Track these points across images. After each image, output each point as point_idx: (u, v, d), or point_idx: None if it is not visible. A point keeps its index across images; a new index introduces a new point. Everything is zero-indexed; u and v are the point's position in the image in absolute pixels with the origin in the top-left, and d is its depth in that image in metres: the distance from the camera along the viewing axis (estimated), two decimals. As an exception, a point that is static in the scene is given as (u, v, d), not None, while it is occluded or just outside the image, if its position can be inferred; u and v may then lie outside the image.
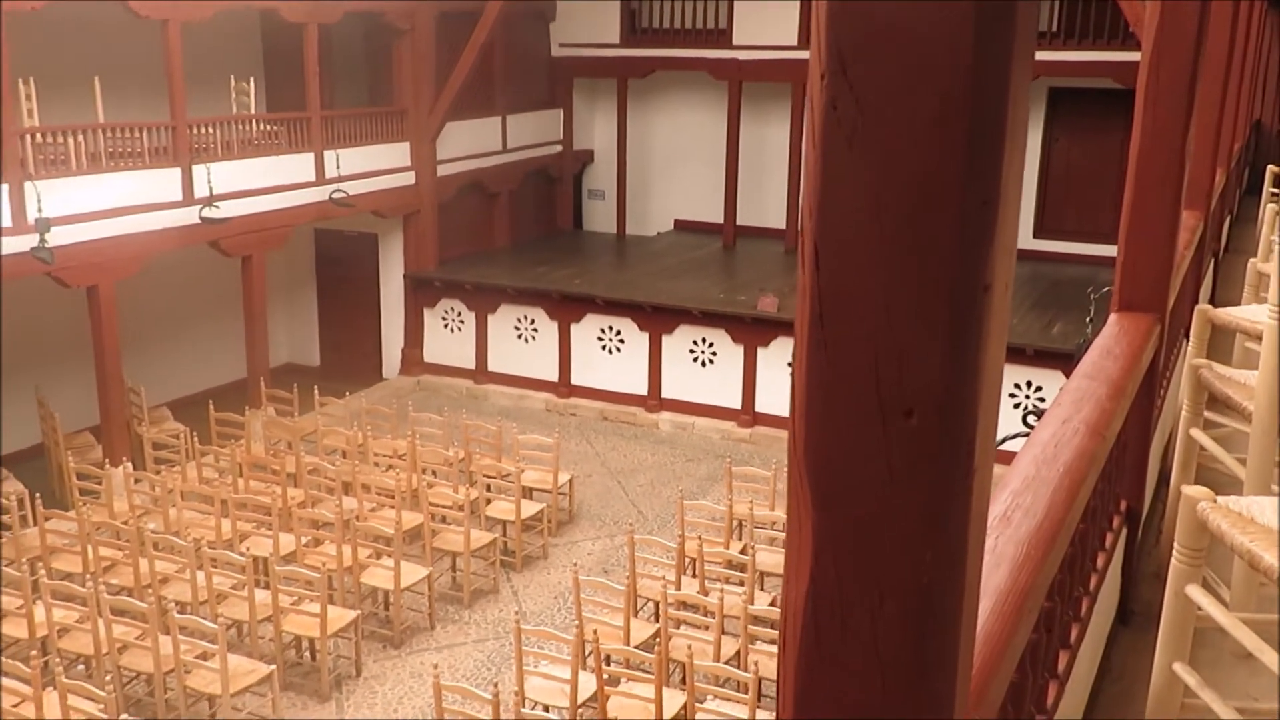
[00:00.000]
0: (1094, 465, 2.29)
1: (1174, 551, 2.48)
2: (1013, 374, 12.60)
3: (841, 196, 0.93)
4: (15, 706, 7.26)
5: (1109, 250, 15.94)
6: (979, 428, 0.98)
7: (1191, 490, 2.47)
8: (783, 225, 17.88)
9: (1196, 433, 3.75)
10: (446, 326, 16.51)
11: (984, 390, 0.97)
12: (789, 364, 14.27)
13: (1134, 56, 14.54)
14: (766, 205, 18.34)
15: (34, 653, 8.05)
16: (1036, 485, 1.98)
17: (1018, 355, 12.42)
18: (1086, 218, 16.59)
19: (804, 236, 0.96)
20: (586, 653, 7.88)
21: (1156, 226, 3.54)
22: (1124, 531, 3.36)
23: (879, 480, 0.95)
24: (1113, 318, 3.54)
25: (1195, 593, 2.46)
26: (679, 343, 14.92)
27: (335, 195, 14.34)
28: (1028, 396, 12.83)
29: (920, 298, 0.92)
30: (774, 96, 17.88)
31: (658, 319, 14.94)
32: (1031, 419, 10.10)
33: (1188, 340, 4.38)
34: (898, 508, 0.96)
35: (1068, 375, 4.28)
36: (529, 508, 11.06)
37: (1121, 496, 3.35)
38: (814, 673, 1.02)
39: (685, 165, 19.29)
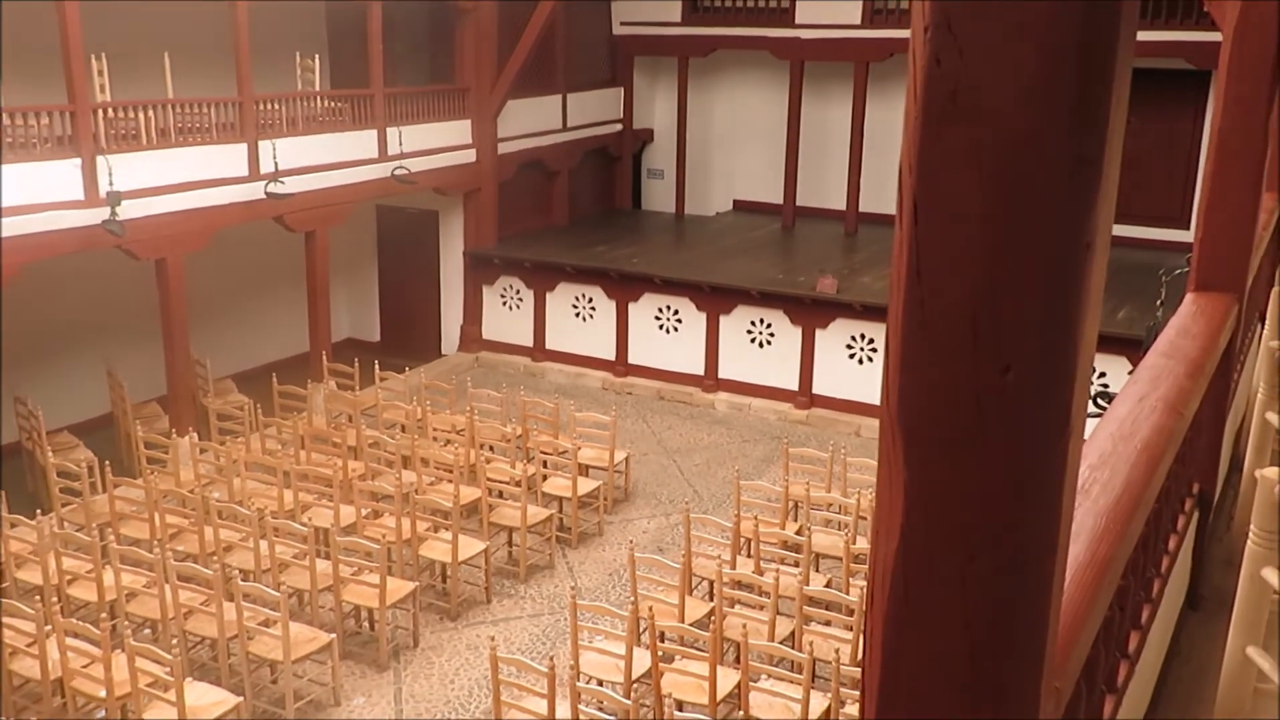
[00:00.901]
0: (1171, 443, 2.25)
1: (1250, 534, 2.44)
2: (1076, 359, 12.40)
3: (942, 152, 0.92)
4: (85, 667, 7.46)
5: (1176, 235, 15.70)
6: (1075, 386, 0.97)
7: (1270, 472, 2.43)
8: (843, 206, 17.74)
9: (1273, 416, 3.67)
10: (505, 304, 16.61)
11: (1082, 349, 0.96)
12: (847, 346, 14.19)
13: (1208, 37, 14.21)
14: (827, 186, 18.21)
15: (103, 616, 8.24)
16: (1114, 461, 1.96)
17: (1082, 340, 12.21)
18: (1153, 201, 16.26)
19: (902, 192, 0.96)
20: (641, 629, 7.92)
21: (1236, 205, 3.46)
22: (1195, 515, 3.30)
23: (973, 438, 0.95)
24: (1189, 297, 3.48)
25: (1271, 576, 2.42)
26: (737, 323, 14.88)
27: (397, 172, 14.45)
28: (1092, 382, 12.64)
29: (1020, 254, 0.91)
30: (836, 76, 17.72)
31: (716, 299, 14.91)
32: (1101, 402, 9.96)
33: (1262, 324, 4.29)
34: (991, 465, 0.95)
35: (1133, 361, 4.20)
36: (585, 485, 11.12)
37: (1194, 479, 3.30)
38: (902, 629, 1.01)
39: (745, 145, 19.20)
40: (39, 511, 9.35)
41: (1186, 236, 16.99)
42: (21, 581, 9.09)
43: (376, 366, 13.40)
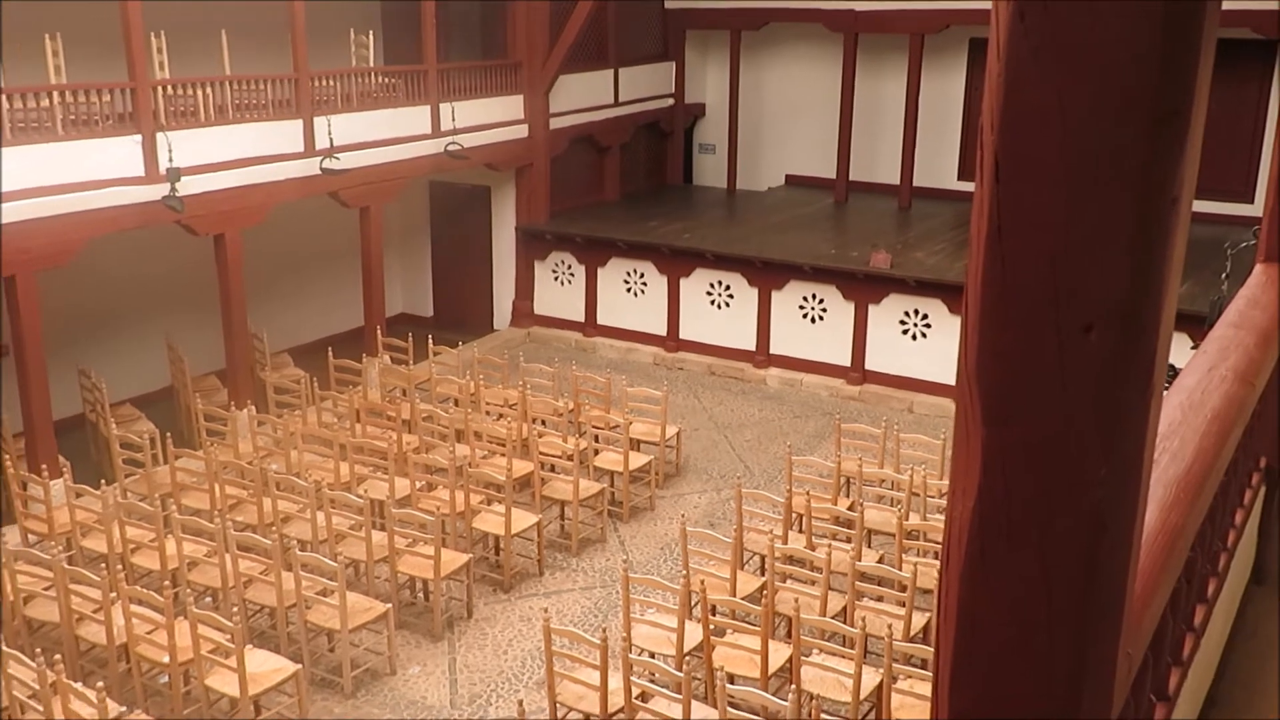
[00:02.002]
0: (1241, 414, 2.22)
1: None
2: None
3: (1026, 108, 0.91)
4: (149, 633, 7.64)
5: (1240, 209, 15.35)
6: (1159, 345, 0.96)
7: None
8: (896, 181, 17.55)
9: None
10: (557, 279, 16.65)
11: (1165, 308, 0.95)
12: (901, 321, 14.07)
13: (1275, 5, 13.84)
14: (880, 161, 18.02)
15: (166, 584, 8.43)
16: (1184, 430, 1.93)
17: (1141, 316, 12.01)
18: (1216, 175, 15.93)
19: (983, 150, 0.95)
20: (693, 603, 7.95)
21: (1308, 175, 3.38)
22: (1262, 490, 3.25)
23: (1054, 396, 0.94)
24: (1259, 268, 3.41)
25: (1341, 552, 2.37)
26: (789, 298, 14.81)
27: (450, 148, 14.52)
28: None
29: (1105, 211, 0.90)
30: (891, 49, 17.49)
31: (768, 274, 14.84)
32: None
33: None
34: (1072, 424, 0.94)
35: (1194, 338, 4.12)
36: (637, 459, 11.15)
37: (1261, 454, 3.24)
38: (977, 589, 1.01)
39: (798, 119, 19.04)
40: (103, 482, 9.56)
41: (1251, 211, 16.70)
42: (87, 549, 9.31)
43: (430, 341, 13.51)
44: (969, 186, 17.52)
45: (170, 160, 10.90)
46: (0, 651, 6.90)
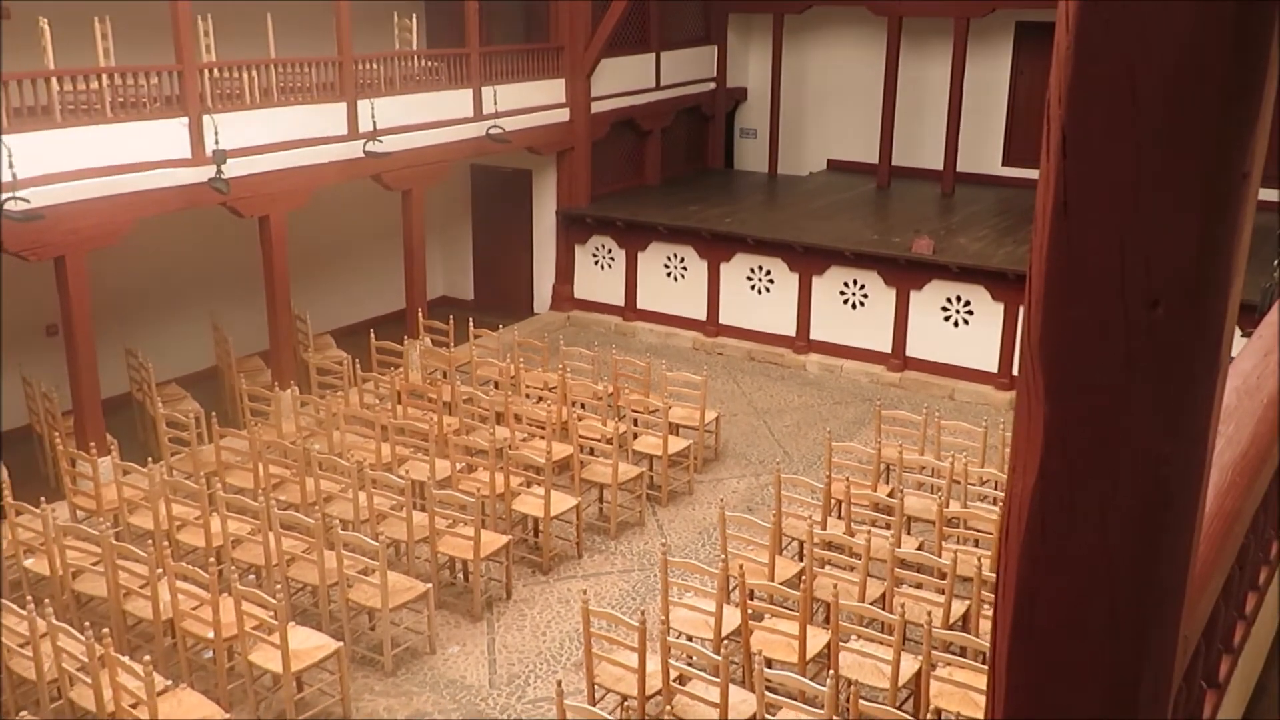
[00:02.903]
0: (1297, 400, 2.18)
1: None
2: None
3: (1095, 81, 0.90)
4: (194, 609, 7.75)
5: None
6: (1226, 322, 0.95)
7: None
8: (939, 166, 17.39)
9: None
10: (597, 263, 16.67)
11: (1233, 285, 0.94)
12: (943, 308, 13.96)
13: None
14: (923, 145, 17.87)
15: (211, 561, 8.53)
16: (1239, 415, 1.90)
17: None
18: (1268, 160, 15.68)
19: (1050, 124, 0.94)
20: (731, 587, 7.96)
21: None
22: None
23: (1119, 372, 0.93)
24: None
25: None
26: (829, 284, 14.74)
27: (492, 131, 14.55)
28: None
29: (1174, 185, 0.89)
30: (935, 32, 17.33)
31: (808, 259, 14.77)
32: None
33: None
34: (1137, 401, 0.94)
35: (1243, 327, 4.06)
36: (675, 444, 11.16)
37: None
38: (1037, 566, 1.01)
39: (840, 104, 18.91)
40: (149, 459, 9.70)
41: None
42: (134, 526, 9.46)
43: (470, 324, 13.58)
44: (1014, 172, 17.41)
45: (216, 142, 11.01)
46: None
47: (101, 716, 6.85)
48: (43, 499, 8.77)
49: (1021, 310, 9.05)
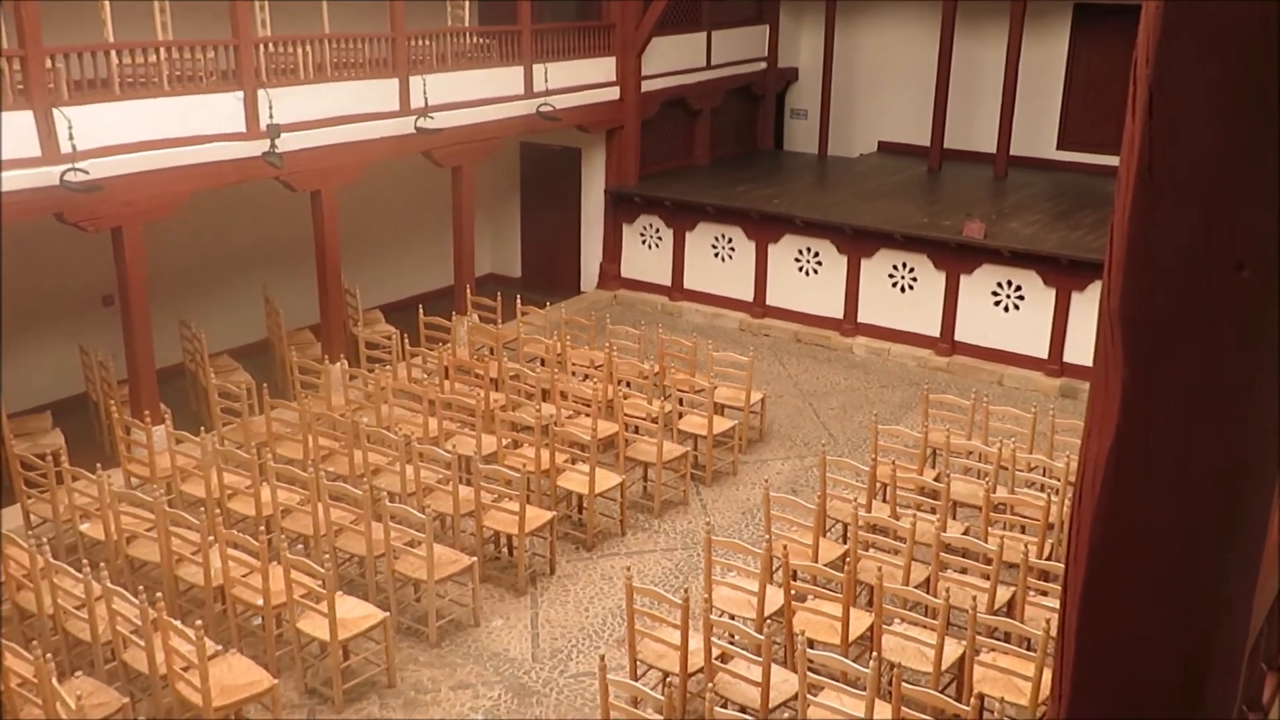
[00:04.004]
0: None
1: None
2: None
3: (1184, 43, 0.89)
4: (245, 577, 7.87)
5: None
6: (1313, 287, 0.93)
7: None
8: (992, 149, 17.18)
9: None
10: (644, 242, 16.65)
11: (1321, 249, 0.92)
12: (993, 293, 13.82)
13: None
14: (976, 128, 17.66)
15: (261, 530, 8.66)
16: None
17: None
18: None
19: (1137, 85, 0.93)
20: (774, 568, 7.96)
21: None
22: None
23: (1201, 336, 0.92)
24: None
25: None
26: (878, 267, 14.63)
27: (542, 109, 14.56)
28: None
29: (1262, 147, 0.87)
30: (991, 13, 17.09)
31: (857, 242, 14.67)
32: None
33: None
34: (1218, 364, 0.92)
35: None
36: (721, 424, 11.16)
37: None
38: (1110, 530, 1.00)
39: (892, 85, 18.72)
40: (202, 429, 9.86)
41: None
42: (186, 494, 9.62)
43: (518, 301, 13.63)
44: (1069, 156, 17.17)
45: (270, 117, 11.10)
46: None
47: (154, 678, 7.00)
48: (98, 465, 8.94)
49: (1075, 295, 8.93)
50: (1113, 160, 16.72)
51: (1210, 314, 0.92)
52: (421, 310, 13.20)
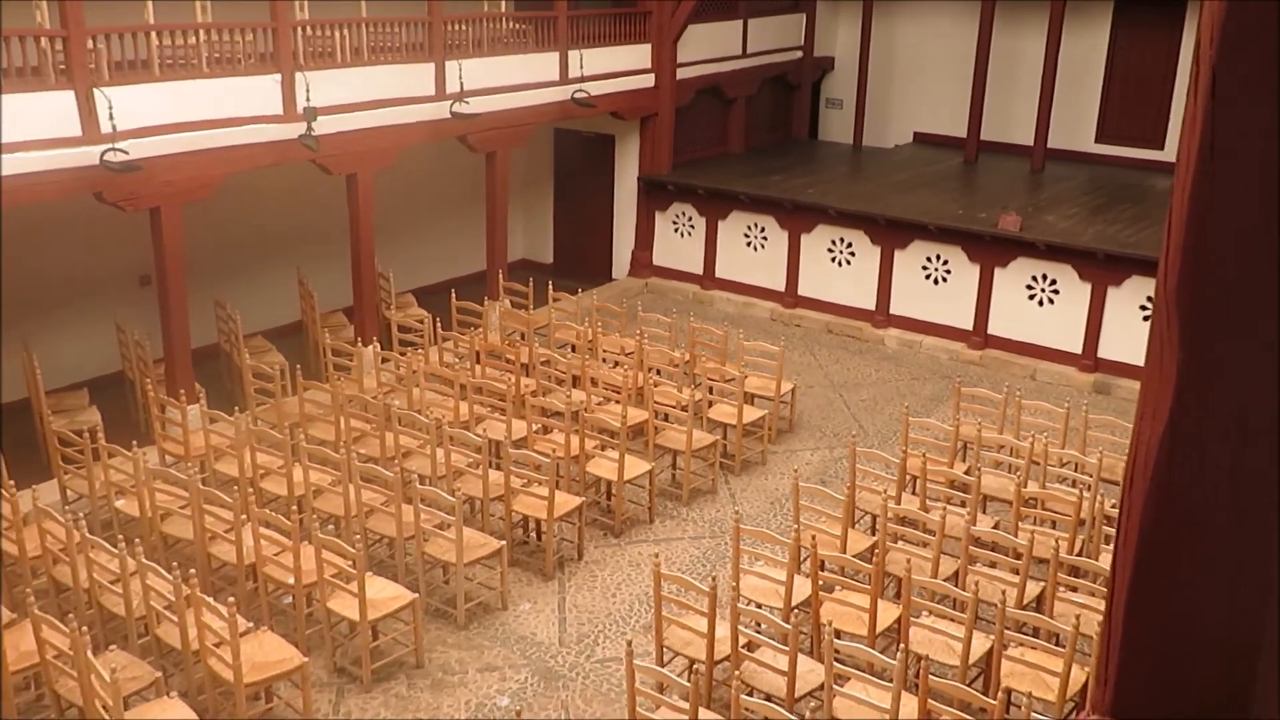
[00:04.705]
0: None
1: None
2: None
3: (1250, 22, 0.87)
4: (276, 555, 7.95)
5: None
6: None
7: None
8: (1030, 142, 17.01)
9: None
10: (677, 230, 16.63)
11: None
12: (1028, 286, 13.72)
13: None
14: (1013, 120, 17.50)
15: (293, 509, 8.75)
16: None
17: None
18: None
19: (1199, 66, 0.92)
20: (802, 558, 7.95)
21: None
22: None
23: (1262, 319, 0.91)
24: None
25: None
26: (912, 258, 14.55)
27: (577, 95, 14.56)
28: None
29: (1326, 127, 0.86)
30: (1030, 5, 16.90)
31: (891, 233, 14.59)
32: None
33: None
34: (1277, 347, 0.91)
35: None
36: (750, 413, 11.14)
37: None
38: (1162, 512, 0.99)
39: (929, 75, 18.57)
40: (236, 409, 9.94)
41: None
42: (220, 473, 9.71)
43: (550, 287, 13.65)
44: (1108, 150, 17.00)
45: (307, 100, 11.16)
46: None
47: (186, 653, 7.08)
48: (134, 443, 9.04)
49: (1110, 290, 8.85)
50: (1152, 154, 16.61)
51: (1268, 297, 0.91)
52: (454, 295, 13.25)
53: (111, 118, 9.56)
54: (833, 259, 15.23)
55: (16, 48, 9.25)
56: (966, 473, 9.47)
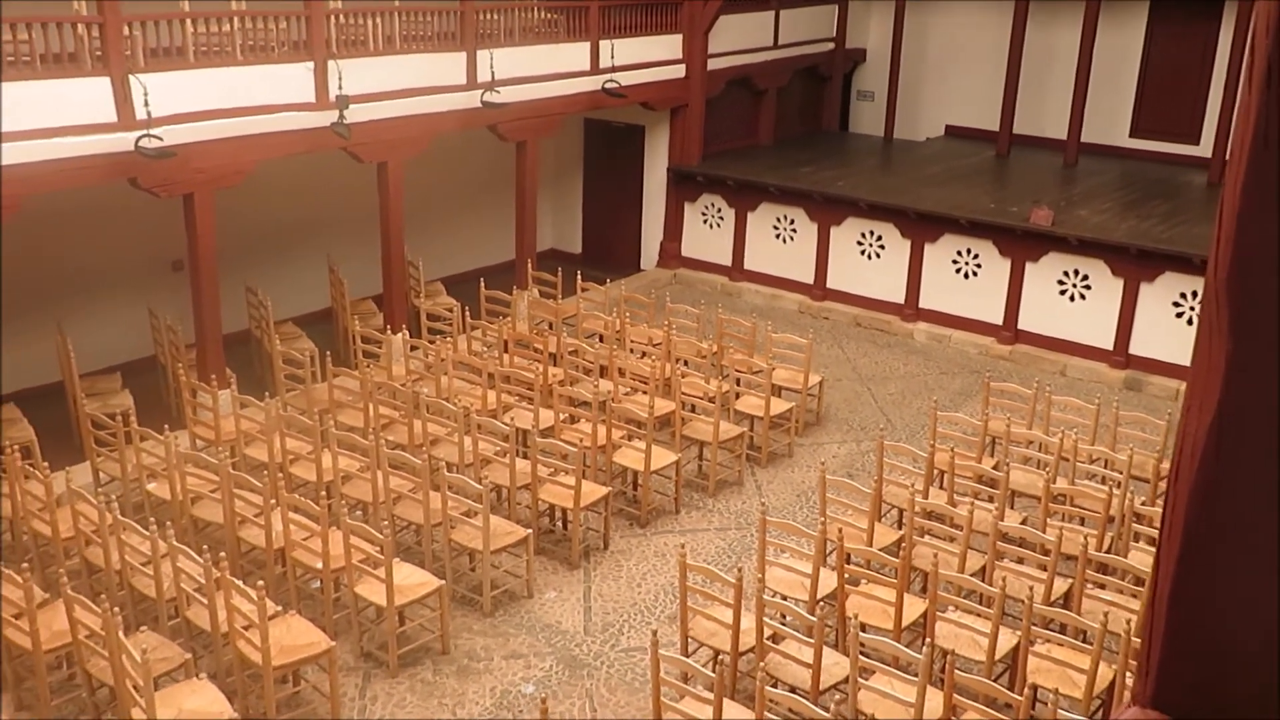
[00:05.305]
0: None
1: None
2: None
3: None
4: (305, 540, 8.01)
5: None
6: None
7: None
8: (1063, 136, 16.87)
9: None
10: (706, 222, 16.61)
11: None
12: (1059, 281, 13.62)
13: None
14: (1046, 114, 17.36)
15: (321, 494, 8.79)
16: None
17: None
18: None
19: (1253, 54, 0.91)
20: (828, 550, 7.94)
21: None
22: None
23: (1313, 311, 0.90)
24: None
25: None
26: (942, 252, 14.47)
27: (608, 85, 14.55)
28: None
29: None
30: (1066, -3, 16.75)
31: (922, 226, 14.51)
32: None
33: None
34: (1331, 341, 0.91)
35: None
36: (778, 405, 11.13)
37: None
38: (1209, 507, 0.98)
39: (961, 68, 18.44)
40: (266, 394, 10.02)
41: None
42: (250, 457, 9.79)
43: (578, 277, 13.67)
44: (1142, 144, 16.83)
45: (340, 88, 11.21)
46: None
47: (215, 635, 7.15)
48: (165, 427, 9.13)
49: (1143, 286, 8.77)
50: (1187, 149, 16.44)
51: (1321, 289, 0.90)
52: (483, 283, 13.29)
53: (146, 104, 9.63)
54: (862, 252, 15.16)
55: (54, 34, 9.33)
56: (995, 468, 9.43)
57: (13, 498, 8.51)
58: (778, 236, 15.91)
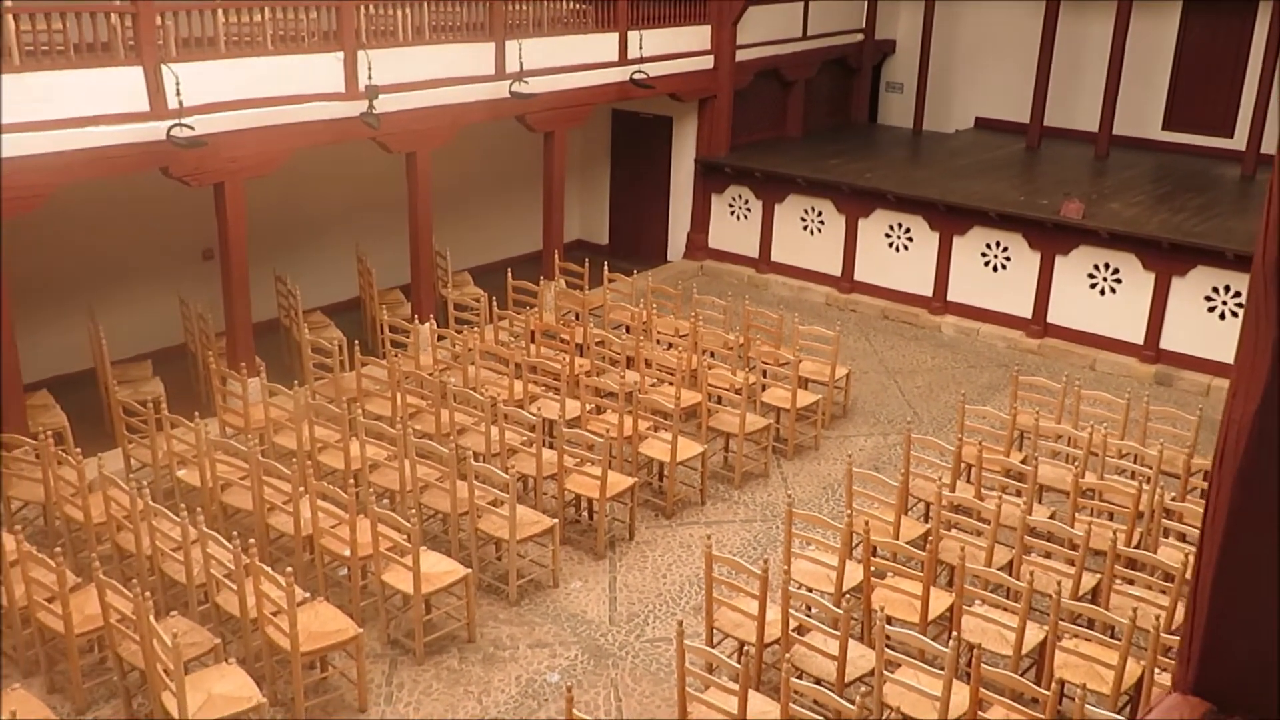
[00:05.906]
0: None
1: None
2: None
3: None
4: (333, 528, 8.06)
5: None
6: None
7: None
8: (1094, 128, 16.72)
9: None
10: (733, 213, 16.57)
11: None
12: (1089, 275, 13.51)
13: None
14: (1077, 106, 17.21)
15: (350, 483, 8.84)
16: None
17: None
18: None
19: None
20: (854, 543, 7.92)
21: None
22: None
23: (1361, 295, 0.89)
24: None
25: None
26: (971, 245, 14.38)
27: (636, 76, 14.53)
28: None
29: None
30: (1099, -12, 16.59)
31: (950, 219, 14.42)
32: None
33: None
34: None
35: None
36: (804, 398, 11.10)
37: None
38: (1252, 493, 0.97)
39: (992, 59, 18.30)
40: (295, 383, 10.08)
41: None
42: (279, 445, 9.86)
43: (605, 268, 13.67)
44: (1175, 137, 16.67)
45: (369, 78, 11.25)
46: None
47: (244, 621, 7.22)
48: (196, 414, 9.21)
49: (1175, 280, 8.70)
50: (1221, 142, 16.26)
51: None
52: (510, 274, 13.31)
53: (178, 93, 9.70)
54: (890, 244, 15.09)
55: (88, 23, 9.41)
56: (1023, 462, 9.36)
57: (46, 483, 8.61)
58: (805, 228, 15.86)
